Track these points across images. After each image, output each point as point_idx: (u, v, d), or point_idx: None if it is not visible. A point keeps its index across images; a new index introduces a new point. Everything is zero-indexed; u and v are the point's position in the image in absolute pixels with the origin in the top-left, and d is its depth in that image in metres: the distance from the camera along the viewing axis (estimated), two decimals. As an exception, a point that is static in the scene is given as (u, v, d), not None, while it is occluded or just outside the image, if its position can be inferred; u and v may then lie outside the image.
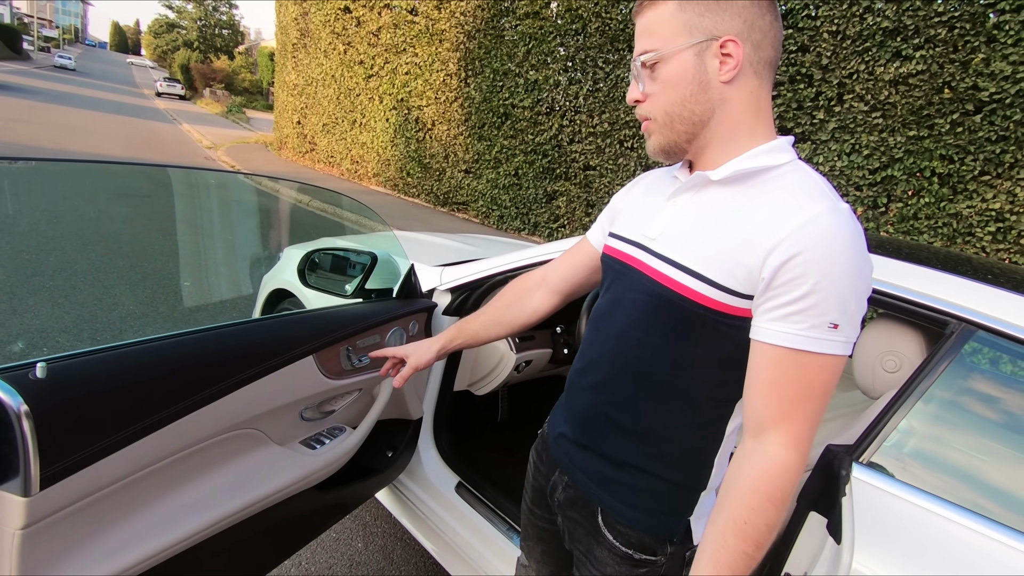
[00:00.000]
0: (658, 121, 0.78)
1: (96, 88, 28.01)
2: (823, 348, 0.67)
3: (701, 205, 0.78)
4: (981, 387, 1.01)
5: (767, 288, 0.69)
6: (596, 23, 6.58)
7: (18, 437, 0.68)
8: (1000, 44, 4.10)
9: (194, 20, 50.69)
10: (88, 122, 14.35)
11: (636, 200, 0.94)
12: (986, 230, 4.32)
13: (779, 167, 0.74)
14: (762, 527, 0.70)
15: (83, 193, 6.60)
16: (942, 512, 0.90)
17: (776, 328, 0.69)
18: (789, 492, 0.71)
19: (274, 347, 1.08)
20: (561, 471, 0.96)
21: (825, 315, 0.66)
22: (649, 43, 0.76)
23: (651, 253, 0.80)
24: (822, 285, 0.65)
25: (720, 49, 0.72)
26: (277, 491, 1.12)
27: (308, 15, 12.11)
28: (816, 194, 0.70)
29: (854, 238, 0.67)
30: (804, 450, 0.71)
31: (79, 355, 0.79)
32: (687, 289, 0.75)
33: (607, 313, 0.88)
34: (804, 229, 0.66)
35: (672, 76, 0.75)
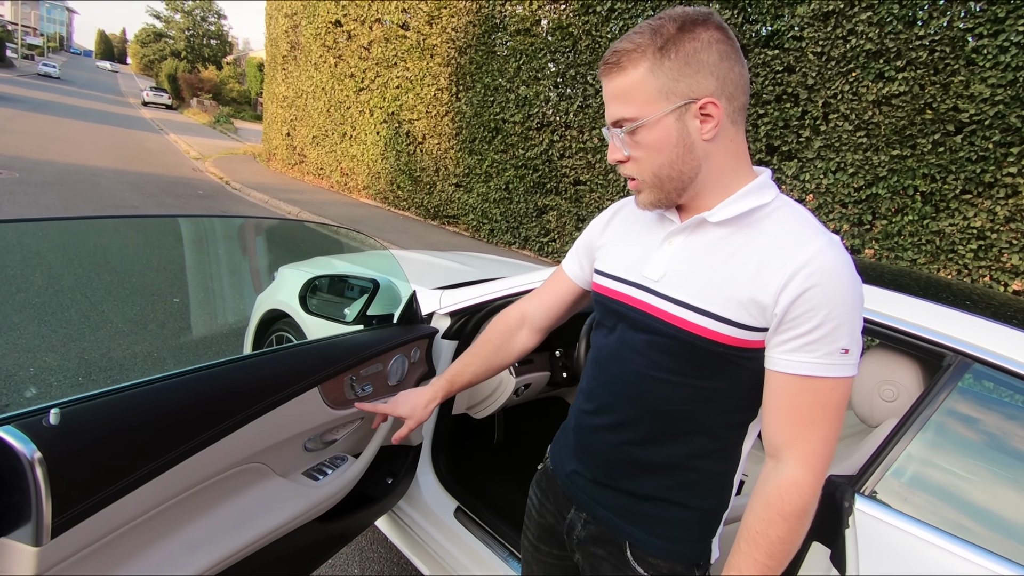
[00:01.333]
0: (647, 182, 0.80)
1: (81, 97, 27.71)
2: (837, 372, 0.72)
3: (698, 245, 0.81)
4: (980, 419, 1.03)
5: (781, 322, 0.73)
6: (586, 40, 6.67)
7: (31, 486, 0.67)
8: (979, 67, 4.22)
9: (182, 30, 50.49)
10: (72, 131, 14.18)
11: (618, 234, 0.94)
12: (968, 247, 4.42)
13: (769, 204, 0.78)
14: (773, 538, 0.75)
15: (67, 205, 6.52)
16: (944, 545, 0.92)
17: (793, 358, 0.73)
18: (801, 507, 0.75)
19: (280, 381, 1.07)
20: (578, 508, 0.95)
21: (837, 342, 0.71)
22: (625, 110, 0.76)
23: (656, 295, 0.82)
24: (833, 315, 0.70)
25: (699, 110, 0.74)
26: (281, 525, 1.11)
27: (299, 28, 12.13)
28: (812, 229, 0.75)
29: (851, 267, 0.73)
30: (818, 468, 0.75)
31: (88, 398, 0.78)
32: (702, 328, 0.77)
33: (616, 355, 0.89)
34: (812, 264, 0.71)
35: (656, 142, 0.76)
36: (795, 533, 0.76)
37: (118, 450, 0.79)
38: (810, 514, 0.77)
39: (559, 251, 7.48)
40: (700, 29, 0.73)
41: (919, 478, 1.02)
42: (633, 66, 0.74)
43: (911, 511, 0.97)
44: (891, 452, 1.01)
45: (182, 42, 50.01)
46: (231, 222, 3.63)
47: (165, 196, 8.31)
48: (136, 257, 4.83)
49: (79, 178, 8.30)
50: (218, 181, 11.00)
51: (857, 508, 0.99)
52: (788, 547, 0.76)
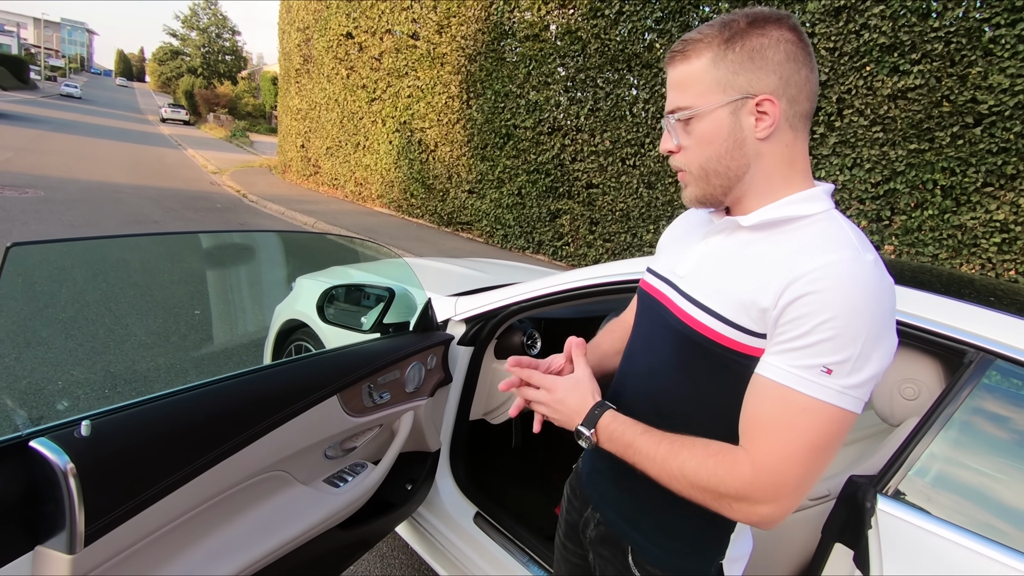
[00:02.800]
0: (693, 174, 0.79)
1: (102, 115, 28.41)
2: (812, 391, 0.65)
3: (729, 248, 0.79)
4: (1006, 416, 1.02)
5: (775, 325, 0.69)
6: (595, 44, 6.68)
7: (65, 496, 0.70)
8: (997, 58, 4.15)
9: (198, 47, 51.53)
10: (94, 150, 14.54)
11: (675, 237, 0.95)
12: (991, 241, 4.33)
13: (811, 216, 0.73)
14: (673, 465, 0.73)
15: (90, 221, 6.68)
16: (971, 545, 0.91)
17: (770, 361, 0.69)
18: (718, 480, 0.70)
19: (300, 390, 1.09)
20: (593, 508, 0.96)
21: (819, 357, 0.64)
22: (682, 99, 0.76)
23: (678, 291, 0.82)
24: (826, 327, 0.64)
25: (756, 107, 0.72)
26: (304, 532, 1.13)
27: (311, 41, 12.32)
28: (840, 241, 0.68)
29: (872, 288, 0.65)
30: (765, 482, 0.68)
31: (117, 410, 0.80)
32: (706, 328, 0.76)
33: (637, 348, 0.91)
34: (820, 271, 0.65)
35: (707, 133, 0.75)
36: (692, 481, 0.71)
37: (146, 460, 0.81)
38: (713, 497, 0.71)
39: (573, 255, 7.48)
40: (771, 27, 0.72)
41: (943, 477, 1.00)
42: (697, 55, 0.74)
43: (936, 511, 0.96)
44: (913, 451, 1.00)
45: (198, 59, 51.04)
46: (249, 235, 3.69)
47: (184, 210, 8.48)
48: (158, 271, 4.94)
49: (101, 195, 8.51)
50: (235, 194, 11.20)
51: (880, 508, 0.97)
52: (674, 477, 0.73)
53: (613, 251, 6.99)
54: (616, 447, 0.79)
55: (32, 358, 3.06)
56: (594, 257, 7.18)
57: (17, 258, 0.79)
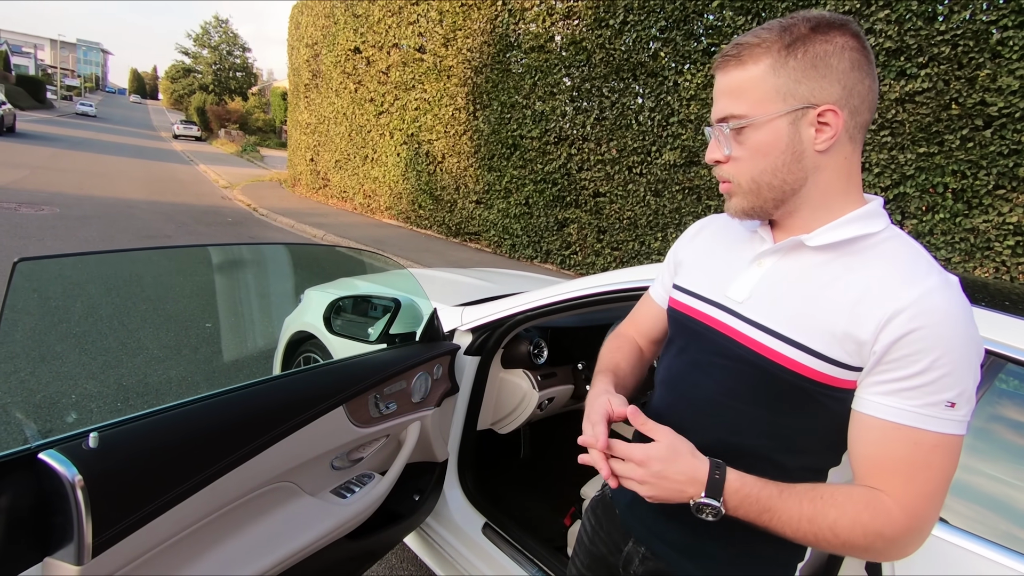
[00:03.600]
0: (743, 187, 0.74)
1: (116, 133, 28.92)
2: (940, 427, 0.64)
3: (792, 270, 0.74)
4: (1016, 419, 1.00)
5: (879, 361, 0.65)
6: (600, 54, 6.72)
7: (73, 507, 0.71)
8: (1005, 60, 4.12)
9: (209, 64, 52.43)
10: (109, 167, 14.80)
11: (703, 250, 0.89)
12: (1005, 244, 4.28)
13: (877, 234, 0.71)
14: (823, 525, 0.66)
15: (104, 237, 6.79)
16: (983, 552, 0.89)
17: (887, 402, 0.65)
18: (877, 527, 0.65)
19: (306, 400, 1.10)
20: (636, 541, 0.89)
21: (942, 393, 0.63)
22: (736, 106, 0.71)
23: (739, 318, 0.76)
24: (942, 362, 0.62)
25: (817, 118, 0.68)
26: (311, 543, 1.13)
27: (319, 57, 12.50)
28: (925, 266, 0.67)
29: (968, 314, 0.65)
30: (916, 525, 0.66)
31: (125, 422, 0.81)
32: (788, 360, 0.70)
33: (686, 377, 0.83)
34: (922, 303, 0.63)
35: (763, 144, 0.70)
36: (845, 539, 0.66)
37: (154, 471, 0.82)
38: (866, 551, 0.67)
39: (581, 263, 7.48)
40: (835, 33, 0.68)
41: (955, 481, 0.98)
42: (754, 61, 0.69)
43: (949, 518, 0.95)
44: (925, 457, 0.98)
45: (209, 76, 51.91)
46: (257, 248, 3.74)
47: (196, 224, 8.59)
48: (170, 285, 5.00)
49: (116, 211, 8.65)
50: (246, 208, 11.33)
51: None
52: (822, 537, 0.67)
53: (621, 259, 6.98)
54: (749, 512, 0.69)
55: (47, 372, 3.10)
56: (602, 266, 7.17)
57: (31, 274, 0.81)
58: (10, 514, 0.69)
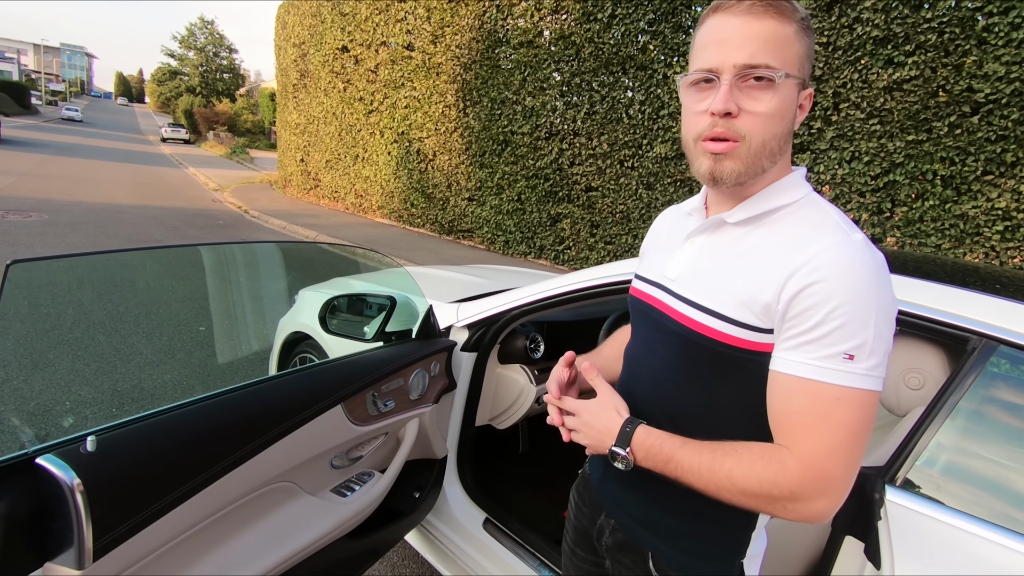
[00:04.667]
0: (751, 148, 0.71)
1: (103, 138, 28.66)
2: (839, 380, 0.64)
3: (716, 245, 0.79)
4: (1009, 402, 1.01)
5: (783, 319, 0.68)
6: (589, 48, 6.71)
7: (72, 511, 0.70)
8: (991, 46, 4.15)
9: (195, 67, 51.99)
10: (97, 172, 14.66)
11: (654, 239, 0.96)
12: (994, 229, 4.31)
13: (794, 203, 0.74)
14: (719, 474, 0.70)
15: (94, 243, 6.73)
16: (983, 533, 0.90)
17: (788, 357, 0.68)
18: (769, 481, 0.67)
19: (304, 399, 1.10)
20: (607, 514, 0.94)
21: (839, 345, 0.64)
22: (773, 57, 0.68)
23: (672, 294, 0.81)
24: (836, 314, 0.64)
25: (806, 98, 0.73)
26: (312, 542, 1.13)
27: (307, 56, 12.42)
28: (828, 227, 0.69)
29: (869, 267, 0.65)
30: (812, 478, 0.66)
31: (123, 425, 0.81)
32: (709, 329, 0.74)
33: (638, 356, 0.89)
34: (817, 259, 0.66)
35: (782, 107, 0.70)
36: (742, 487, 0.68)
37: (152, 474, 0.81)
38: (766, 501, 0.68)
39: (575, 258, 7.48)
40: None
41: (951, 466, 1.00)
42: (789, 20, 0.68)
43: (945, 499, 0.95)
44: (920, 440, 0.99)
45: (196, 78, 51.48)
46: (250, 248, 3.71)
47: (187, 228, 8.53)
48: (162, 289, 4.97)
49: (105, 216, 8.57)
50: (237, 210, 11.26)
51: (888, 499, 0.97)
52: (721, 486, 0.70)
53: (615, 253, 6.99)
54: (655, 463, 0.75)
55: (40, 379, 3.08)
56: (596, 260, 7.18)
57: (21, 279, 0.80)
58: (9, 520, 0.69)
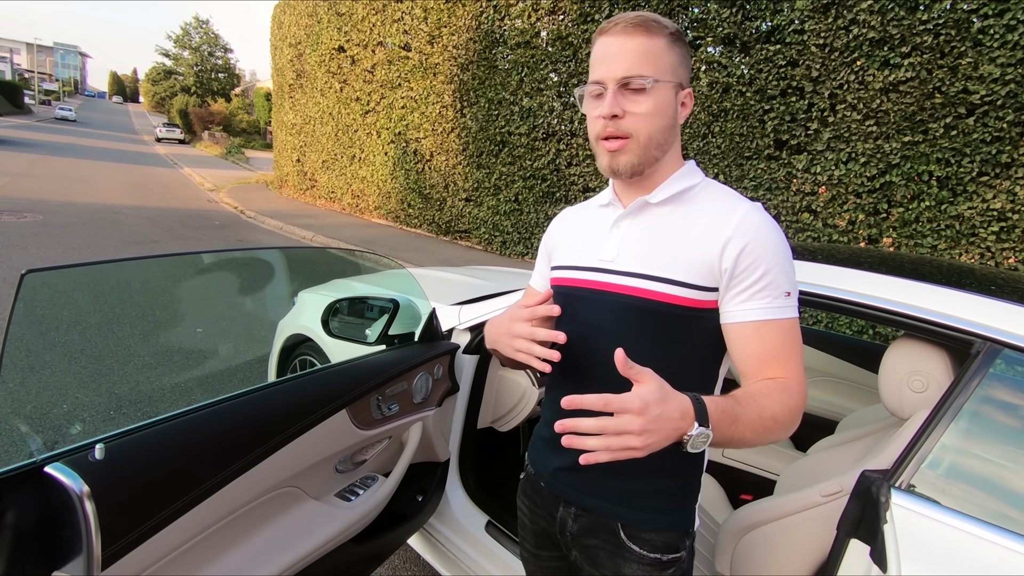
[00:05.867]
0: (639, 142, 0.86)
1: (97, 137, 28.49)
2: (788, 314, 0.83)
3: (645, 224, 0.90)
4: (1013, 404, 1.02)
5: (731, 277, 0.83)
6: (586, 49, 6.70)
7: (81, 520, 0.70)
8: (986, 48, 4.17)
9: (190, 66, 51.75)
10: (91, 172, 14.57)
11: (567, 234, 1.03)
12: (989, 230, 4.34)
13: (697, 185, 0.91)
14: (767, 416, 0.78)
15: (90, 244, 6.69)
16: (986, 535, 0.90)
17: (749, 307, 0.83)
18: (797, 401, 0.82)
19: (310, 405, 1.09)
20: (566, 504, 0.96)
21: (780, 287, 0.83)
22: (645, 67, 0.83)
23: (613, 272, 0.90)
24: (772, 264, 0.82)
25: (685, 97, 0.88)
26: (318, 547, 1.12)
27: (303, 56, 12.38)
28: (735, 198, 0.88)
29: (775, 224, 0.85)
30: (803, 383, 0.84)
31: (130, 432, 0.80)
32: (659, 294, 0.85)
33: (583, 339, 0.90)
34: (743, 223, 0.83)
35: (660, 106, 0.85)
36: (782, 422, 0.80)
37: (160, 481, 0.81)
38: (792, 424, 0.81)
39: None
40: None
41: (957, 469, 1.00)
42: (658, 35, 0.84)
43: (950, 503, 0.96)
44: (925, 444, 1.00)
45: (191, 78, 51.23)
46: (249, 252, 3.70)
47: (183, 229, 8.49)
48: (159, 291, 4.93)
49: (100, 216, 8.52)
50: (233, 211, 11.21)
51: (894, 502, 0.97)
52: (767, 427, 0.78)
53: (612, 254, 6.99)
54: (722, 429, 0.75)
55: (37, 383, 3.06)
56: (593, 260, 7.18)
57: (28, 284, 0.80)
58: (17, 529, 0.68)
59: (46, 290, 4.45)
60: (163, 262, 4.62)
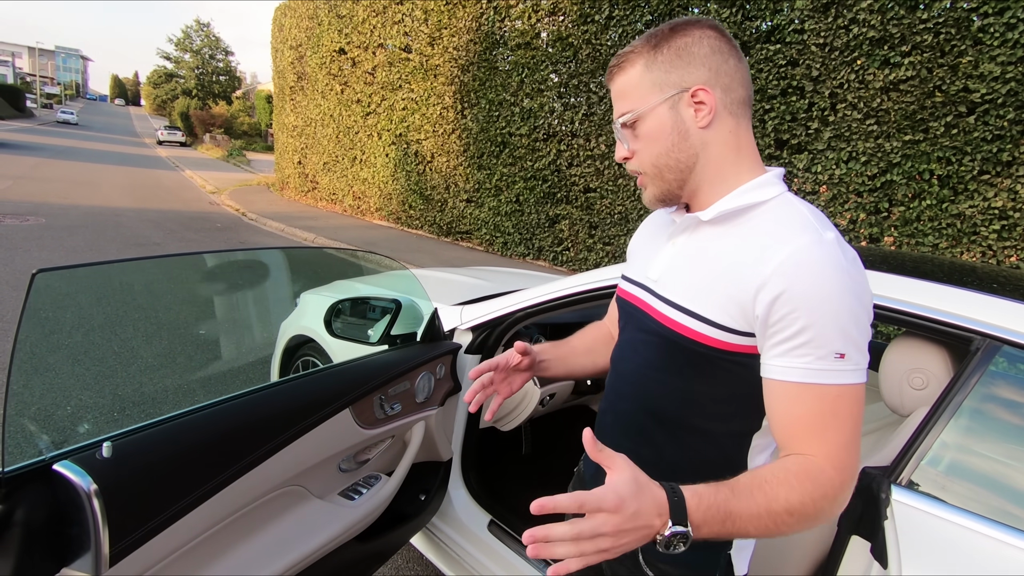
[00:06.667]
0: (648, 174, 0.82)
1: (99, 140, 28.57)
2: (835, 379, 0.67)
3: (694, 245, 0.81)
4: (1013, 401, 1.02)
5: (765, 326, 0.70)
6: (587, 49, 6.72)
7: (89, 517, 0.70)
8: (986, 46, 4.17)
9: (192, 69, 51.86)
10: (93, 175, 14.61)
11: (643, 241, 0.98)
12: (991, 228, 4.34)
13: (767, 202, 0.76)
14: (777, 509, 0.65)
15: (92, 246, 6.71)
16: (986, 531, 0.91)
17: (784, 364, 0.69)
18: (823, 491, 0.67)
19: (314, 404, 1.10)
20: None
21: (827, 346, 0.67)
22: (625, 105, 0.80)
23: (654, 295, 0.84)
24: (816, 317, 0.66)
25: (692, 98, 0.76)
26: (322, 546, 1.13)
27: (304, 59, 12.41)
28: (799, 226, 0.70)
29: (840, 265, 0.67)
30: (844, 476, 0.68)
31: (137, 430, 0.81)
32: (688, 330, 0.77)
33: (623, 355, 0.92)
34: (788, 263, 0.67)
35: (652, 131, 0.79)
36: (799, 515, 0.66)
37: (167, 479, 0.82)
38: (817, 515, 0.67)
39: (573, 259, 7.49)
40: (692, 27, 0.77)
41: (957, 465, 1.00)
42: (631, 65, 0.79)
43: (951, 499, 0.96)
44: (925, 440, 1.00)
45: (192, 80, 51.34)
46: (252, 253, 3.71)
47: (185, 231, 8.51)
48: (162, 292, 4.95)
49: (102, 219, 8.55)
50: (235, 213, 11.24)
51: (894, 499, 0.98)
52: (780, 522, 0.66)
53: (613, 254, 7.00)
54: (712, 526, 0.64)
55: (40, 384, 3.07)
56: (595, 261, 7.19)
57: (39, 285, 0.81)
58: (27, 526, 0.69)
59: (49, 292, 4.46)
60: (169, 262, 4.63)
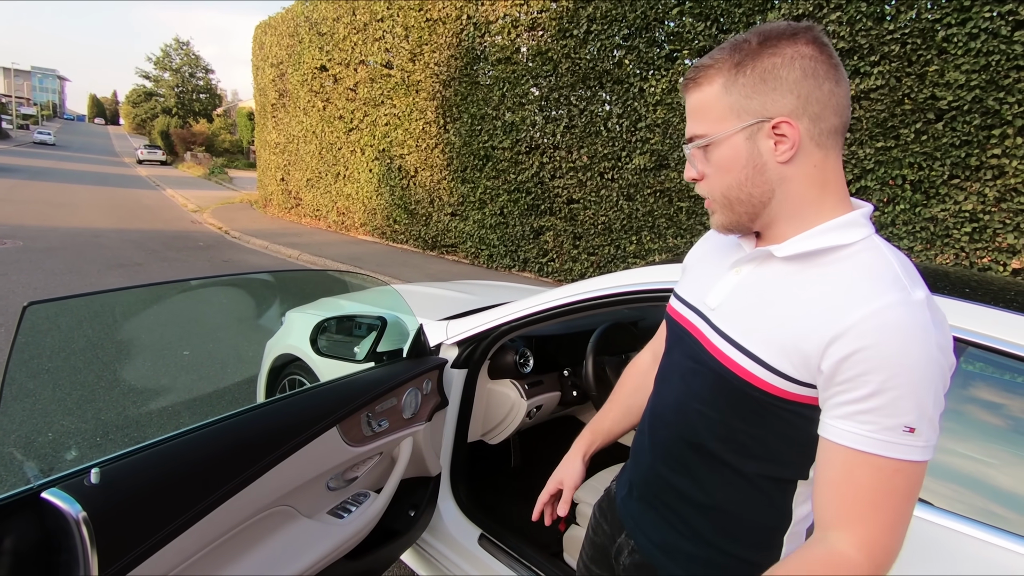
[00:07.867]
0: (717, 202, 0.75)
1: (77, 161, 28.22)
2: (899, 454, 0.60)
3: (762, 280, 0.74)
4: (984, 401, 1.06)
5: (829, 383, 0.64)
6: (566, 63, 6.82)
7: (78, 544, 0.71)
8: (951, 55, 4.32)
9: (171, 87, 51.55)
10: (72, 196, 14.42)
11: (699, 257, 0.91)
12: (963, 231, 4.46)
13: (851, 245, 0.68)
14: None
15: (72, 268, 6.62)
16: (966, 530, 0.93)
17: (844, 427, 0.63)
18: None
19: (301, 423, 1.11)
20: (627, 534, 0.92)
21: (898, 417, 0.60)
22: (698, 127, 0.73)
23: (710, 325, 0.78)
24: (892, 384, 0.59)
25: (773, 130, 0.68)
26: (311, 565, 1.13)
27: (285, 76, 12.42)
28: (888, 281, 0.63)
29: (927, 331, 0.60)
30: (879, 560, 0.62)
31: (125, 456, 0.82)
32: (743, 370, 0.71)
33: (667, 377, 0.87)
34: (870, 321, 0.61)
35: (724, 161, 0.72)
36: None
37: (155, 504, 0.82)
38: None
39: (558, 271, 7.54)
40: (785, 43, 0.67)
41: (934, 465, 1.03)
42: (708, 82, 0.71)
43: (932, 499, 0.99)
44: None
45: (172, 99, 51.02)
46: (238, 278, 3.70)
47: (167, 251, 8.42)
48: (143, 315, 4.87)
49: (82, 240, 8.44)
50: (217, 231, 11.15)
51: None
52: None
53: (598, 264, 7.06)
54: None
55: (20, 410, 3.01)
56: (579, 272, 7.25)
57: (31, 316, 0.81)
58: (15, 555, 0.69)
59: (30, 317, 4.37)
60: (162, 289, 4.58)
